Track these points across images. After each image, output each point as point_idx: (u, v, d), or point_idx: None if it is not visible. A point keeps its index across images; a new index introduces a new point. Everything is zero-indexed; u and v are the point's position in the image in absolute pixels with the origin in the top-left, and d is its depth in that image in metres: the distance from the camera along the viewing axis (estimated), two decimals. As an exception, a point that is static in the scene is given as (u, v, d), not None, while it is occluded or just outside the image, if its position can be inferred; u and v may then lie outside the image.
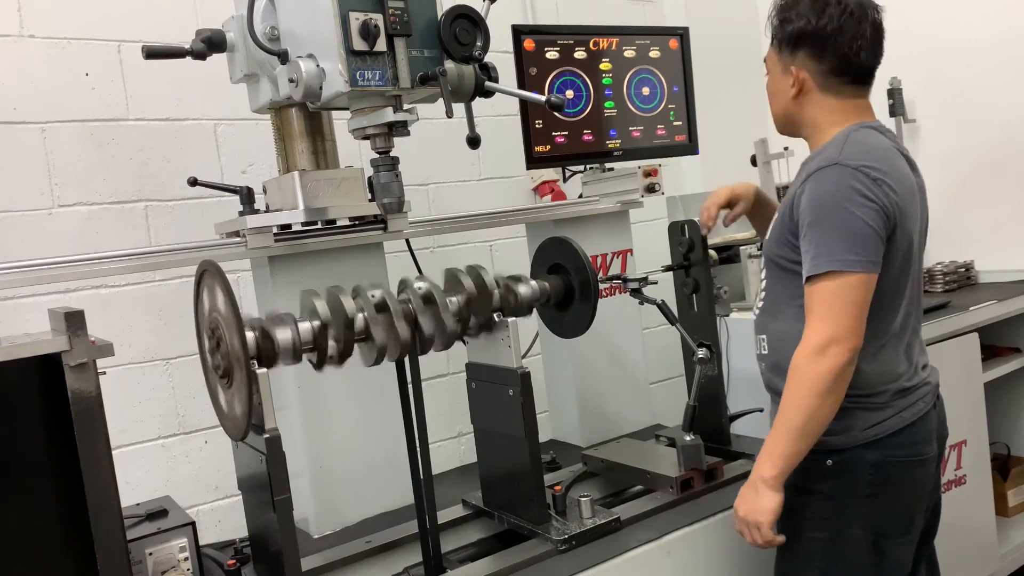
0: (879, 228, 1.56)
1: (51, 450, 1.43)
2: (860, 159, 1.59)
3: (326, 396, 2.07)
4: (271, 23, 1.77)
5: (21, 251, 2.21)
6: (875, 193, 1.56)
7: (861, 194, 1.55)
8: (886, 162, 1.61)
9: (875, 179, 1.57)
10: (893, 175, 1.60)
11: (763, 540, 1.65)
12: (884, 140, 1.68)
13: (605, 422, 2.59)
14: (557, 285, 1.97)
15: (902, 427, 1.66)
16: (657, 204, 2.89)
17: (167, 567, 1.68)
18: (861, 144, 1.64)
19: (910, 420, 1.67)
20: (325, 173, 1.99)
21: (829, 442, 1.65)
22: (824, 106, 1.72)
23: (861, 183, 1.56)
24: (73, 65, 2.41)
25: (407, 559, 1.86)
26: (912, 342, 1.73)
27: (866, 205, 1.55)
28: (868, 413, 1.66)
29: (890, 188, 1.58)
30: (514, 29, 2.37)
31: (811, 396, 1.54)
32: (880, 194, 1.56)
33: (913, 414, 1.68)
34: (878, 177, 1.57)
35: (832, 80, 1.70)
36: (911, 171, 1.69)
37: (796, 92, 1.73)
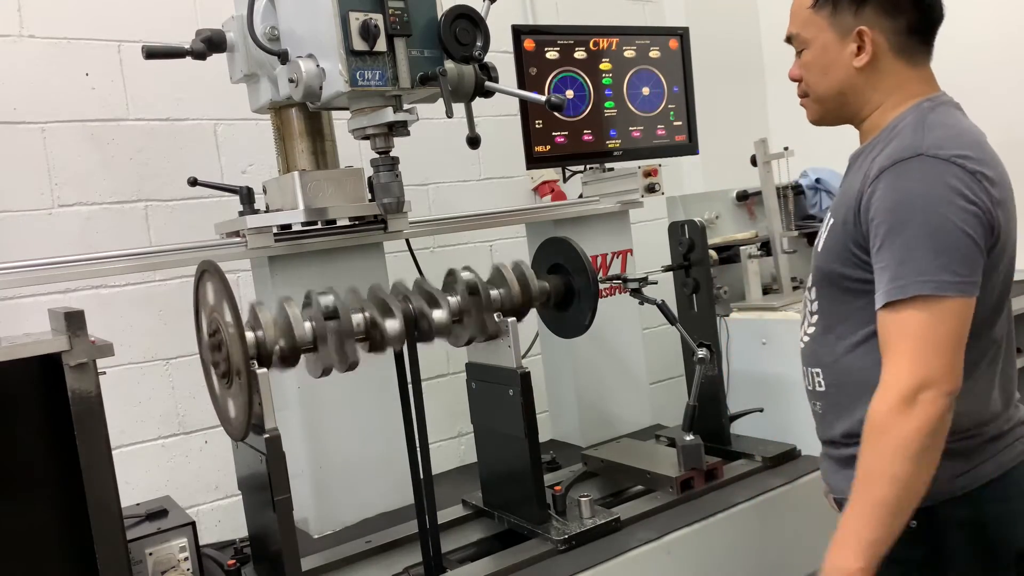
0: (979, 238, 1.23)
1: (51, 450, 1.43)
2: (952, 147, 1.25)
3: (326, 396, 2.06)
4: (271, 23, 1.77)
5: (21, 251, 2.21)
6: (975, 192, 1.23)
7: (959, 193, 1.22)
8: (982, 150, 1.28)
9: (973, 173, 1.24)
10: (993, 167, 1.27)
11: None
12: (968, 120, 1.36)
13: (605, 422, 2.59)
14: (557, 285, 1.97)
15: (999, 475, 1.33)
16: (657, 204, 2.89)
17: (167, 567, 1.68)
18: (946, 127, 1.30)
19: (1009, 466, 1.34)
20: (325, 173, 1.99)
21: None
22: (899, 76, 1.37)
23: (958, 179, 1.23)
24: (73, 65, 2.41)
25: (407, 559, 1.86)
26: (1009, 372, 1.39)
27: (965, 209, 1.22)
28: (953, 462, 1.29)
29: (991, 184, 1.25)
30: (514, 29, 2.37)
31: (903, 461, 1.19)
32: (981, 193, 1.23)
33: (1013, 457, 1.35)
34: (976, 170, 1.24)
35: (909, 41, 1.36)
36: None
37: (867, 60, 1.36)
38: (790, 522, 2.03)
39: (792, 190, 3.02)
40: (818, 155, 3.21)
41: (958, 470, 1.32)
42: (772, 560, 2.00)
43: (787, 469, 2.12)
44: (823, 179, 3.15)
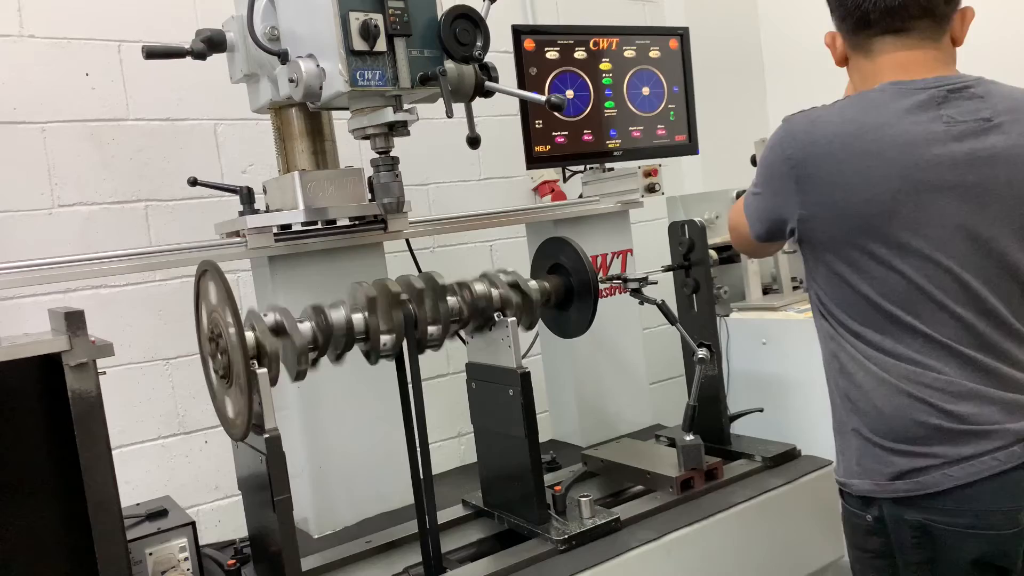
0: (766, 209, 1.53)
1: (51, 450, 1.43)
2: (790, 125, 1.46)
3: (326, 396, 2.06)
4: (271, 23, 1.77)
5: (21, 251, 2.21)
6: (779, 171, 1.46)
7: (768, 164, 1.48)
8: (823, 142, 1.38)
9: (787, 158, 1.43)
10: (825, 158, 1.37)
11: None
12: (885, 106, 1.36)
13: (605, 422, 2.59)
14: (557, 285, 1.97)
15: (947, 488, 1.31)
16: (657, 204, 2.89)
17: (167, 567, 1.68)
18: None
19: (964, 480, 1.31)
20: (325, 173, 1.99)
21: (855, 487, 1.42)
22: (860, 70, 1.47)
23: (772, 154, 1.48)
24: (73, 65, 2.41)
25: (407, 559, 1.86)
26: (985, 365, 1.34)
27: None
28: (891, 456, 1.36)
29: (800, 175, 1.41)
30: (514, 29, 2.37)
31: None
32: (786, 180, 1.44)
33: (970, 473, 1.31)
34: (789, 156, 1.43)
35: (859, 37, 1.44)
36: (946, 150, 1.33)
37: (837, 60, 1.51)
38: (790, 522, 2.03)
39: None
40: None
41: (894, 469, 1.35)
42: (772, 560, 2.00)
43: (787, 469, 2.12)
44: (823, 179, 3.15)
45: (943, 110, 1.34)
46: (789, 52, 3.84)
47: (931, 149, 1.33)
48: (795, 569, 2.05)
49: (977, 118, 1.34)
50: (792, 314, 2.73)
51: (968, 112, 1.35)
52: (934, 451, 1.33)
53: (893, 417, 1.36)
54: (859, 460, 1.42)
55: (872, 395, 1.39)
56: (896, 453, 1.36)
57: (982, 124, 1.34)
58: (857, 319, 1.41)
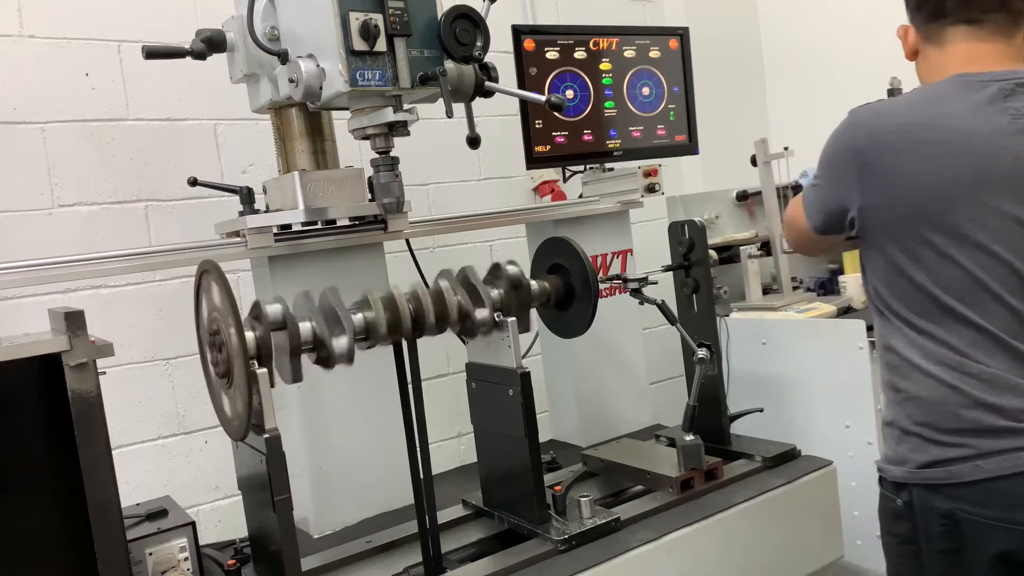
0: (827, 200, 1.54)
1: (51, 450, 1.43)
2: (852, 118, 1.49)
3: (326, 396, 2.06)
4: (271, 23, 1.77)
5: (21, 251, 2.21)
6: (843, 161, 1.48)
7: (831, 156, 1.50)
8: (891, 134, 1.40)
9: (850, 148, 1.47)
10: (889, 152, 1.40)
11: None
12: (952, 98, 1.38)
13: (605, 422, 2.59)
14: (557, 285, 1.97)
15: (977, 479, 1.34)
16: (657, 204, 2.89)
17: (167, 567, 1.68)
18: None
19: (993, 474, 1.32)
20: (325, 173, 1.99)
21: (890, 472, 1.46)
22: (929, 61, 1.49)
23: (834, 145, 1.51)
24: (73, 65, 2.41)
25: (407, 559, 1.86)
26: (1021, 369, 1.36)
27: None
28: (926, 444, 1.40)
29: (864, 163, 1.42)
30: (514, 29, 2.37)
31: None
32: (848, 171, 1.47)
33: (1003, 467, 1.32)
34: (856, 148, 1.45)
35: (932, 27, 1.46)
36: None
37: (908, 53, 1.53)
38: (790, 522, 2.03)
39: (792, 190, 3.02)
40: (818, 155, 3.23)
41: (927, 458, 1.39)
42: (772, 560, 2.00)
43: (787, 469, 2.12)
44: (823, 179, 3.15)
45: (1009, 103, 1.35)
46: (789, 52, 3.84)
47: (995, 141, 1.34)
48: (795, 569, 2.05)
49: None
50: (792, 314, 2.73)
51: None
52: (969, 442, 1.35)
53: (934, 406, 1.39)
54: (896, 447, 1.46)
55: (917, 385, 1.42)
56: (932, 442, 1.39)
57: None
58: (912, 309, 1.43)
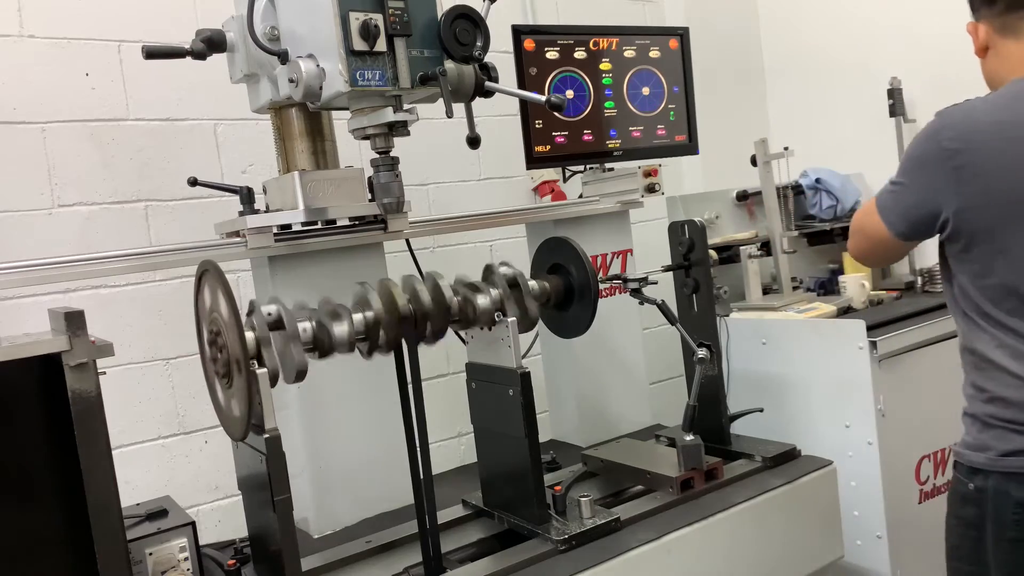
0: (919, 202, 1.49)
1: (51, 450, 1.43)
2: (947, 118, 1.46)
3: (326, 396, 2.06)
4: (271, 23, 1.77)
5: (21, 251, 2.21)
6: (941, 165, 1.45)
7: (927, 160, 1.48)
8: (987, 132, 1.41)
9: (946, 150, 1.44)
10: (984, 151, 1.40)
11: None
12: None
13: (605, 422, 2.59)
14: (557, 285, 1.97)
15: None
16: (657, 204, 2.89)
17: (167, 567, 1.68)
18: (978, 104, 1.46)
19: None
20: (325, 173, 1.99)
21: (967, 457, 1.50)
22: (1007, 55, 1.48)
23: (930, 150, 1.47)
24: (73, 65, 2.41)
25: (407, 559, 1.86)
26: None
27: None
28: (1010, 434, 1.43)
29: (964, 164, 1.41)
30: (514, 29, 2.37)
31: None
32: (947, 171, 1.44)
33: None
34: (952, 149, 1.43)
35: (1010, 18, 1.46)
36: None
37: (979, 49, 1.52)
38: (790, 522, 2.03)
39: (792, 190, 3.03)
40: (818, 155, 3.23)
41: (1010, 447, 1.42)
42: (772, 560, 2.00)
43: (787, 469, 2.12)
44: (823, 179, 3.16)
45: None
46: (789, 52, 3.84)
47: None
48: (795, 569, 2.05)
49: None
50: (792, 314, 2.73)
51: None
52: None
53: (1019, 405, 1.43)
54: (978, 435, 1.49)
55: (1002, 385, 1.45)
56: (1016, 432, 1.42)
57: None
58: (1002, 308, 1.45)
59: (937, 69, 3.37)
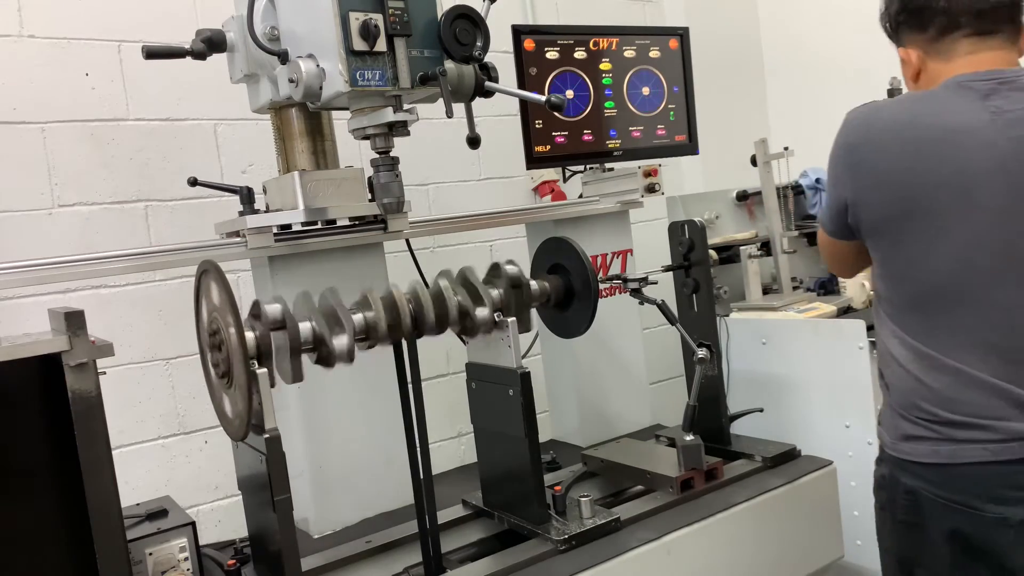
0: (834, 200, 1.54)
1: (51, 450, 1.43)
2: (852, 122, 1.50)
3: (326, 396, 2.06)
4: (271, 23, 1.77)
5: (21, 251, 2.21)
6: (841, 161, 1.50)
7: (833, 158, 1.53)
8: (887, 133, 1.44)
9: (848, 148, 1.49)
10: (885, 148, 1.43)
11: None
12: (947, 101, 1.41)
13: (605, 422, 2.59)
14: (557, 285, 1.97)
15: (935, 462, 1.42)
16: (657, 204, 2.89)
17: (167, 567, 1.68)
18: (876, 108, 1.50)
19: (948, 460, 1.41)
20: (325, 173, 1.99)
21: (881, 439, 1.55)
22: (938, 77, 1.47)
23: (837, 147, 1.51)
24: (73, 65, 2.41)
25: (407, 559, 1.86)
26: (1011, 357, 1.38)
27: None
28: (901, 422, 1.48)
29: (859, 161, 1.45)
30: (514, 29, 2.37)
31: None
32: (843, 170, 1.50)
33: (953, 455, 1.40)
34: (851, 144, 1.49)
35: (942, 43, 1.47)
36: (1006, 135, 1.36)
37: (912, 74, 1.53)
38: (790, 522, 2.03)
39: (792, 190, 3.03)
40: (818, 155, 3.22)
41: (903, 433, 1.48)
42: (772, 560, 2.00)
43: (787, 469, 2.12)
44: (823, 179, 3.15)
45: (991, 101, 1.39)
46: (789, 52, 3.84)
47: (978, 137, 1.37)
48: (795, 569, 2.05)
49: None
50: (792, 314, 2.73)
51: (1017, 101, 1.38)
52: (931, 428, 1.44)
53: (905, 395, 1.48)
54: (882, 422, 1.56)
55: (894, 375, 1.50)
56: (904, 420, 1.48)
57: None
58: (894, 302, 1.50)
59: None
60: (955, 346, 1.41)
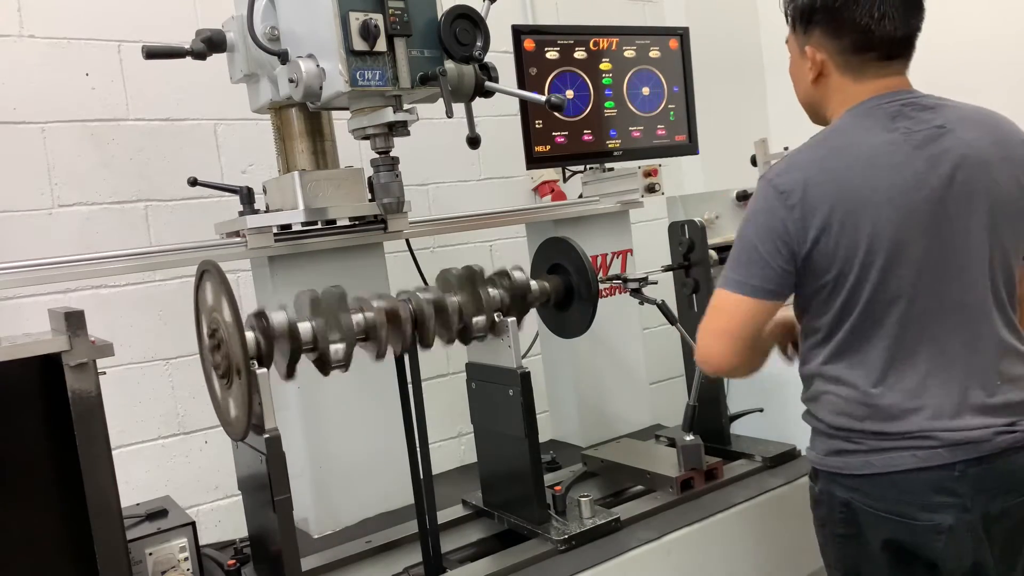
0: (768, 251, 1.40)
1: (51, 450, 1.43)
2: (780, 168, 1.45)
3: (326, 396, 2.06)
4: (271, 23, 1.77)
5: (21, 251, 2.21)
6: (774, 210, 1.40)
7: (761, 211, 1.43)
8: (815, 165, 1.41)
9: (781, 192, 1.40)
10: (816, 182, 1.39)
11: None
12: (861, 126, 1.44)
13: (605, 422, 2.59)
14: (557, 285, 1.97)
15: (867, 473, 1.42)
16: (657, 204, 2.89)
17: (167, 567, 1.68)
18: (803, 147, 1.48)
19: (881, 469, 1.40)
20: (325, 173, 1.99)
21: (812, 459, 1.54)
22: (844, 92, 1.48)
23: (765, 198, 1.43)
24: (73, 65, 2.41)
25: (407, 559, 1.86)
26: (915, 378, 1.40)
27: (760, 225, 1.42)
28: (826, 439, 1.49)
29: (794, 199, 1.39)
30: (514, 29, 2.37)
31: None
32: (781, 210, 1.39)
33: (889, 464, 1.40)
34: (783, 189, 1.40)
35: (854, 59, 1.46)
36: (911, 157, 1.39)
37: (815, 76, 1.51)
38: (790, 522, 2.03)
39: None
40: (818, 155, 3.22)
41: (829, 449, 1.48)
42: (772, 560, 2.00)
43: (787, 469, 2.12)
44: (823, 179, 3.15)
45: (899, 123, 1.43)
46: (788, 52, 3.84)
47: (893, 158, 1.39)
48: (795, 569, 2.05)
49: (931, 126, 1.42)
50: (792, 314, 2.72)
51: (921, 123, 1.42)
52: (862, 440, 1.43)
53: (830, 410, 1.47)
54: (812, 439, 1.55)
55: (819, 393, 1.50)
56: (832, 436, 1.47)
57: (937, 131, 1.42)
58: (819, 319, 1.48)
59: (936, 70, 3.37)
60: (887, 352, 1.42)
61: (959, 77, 3.38)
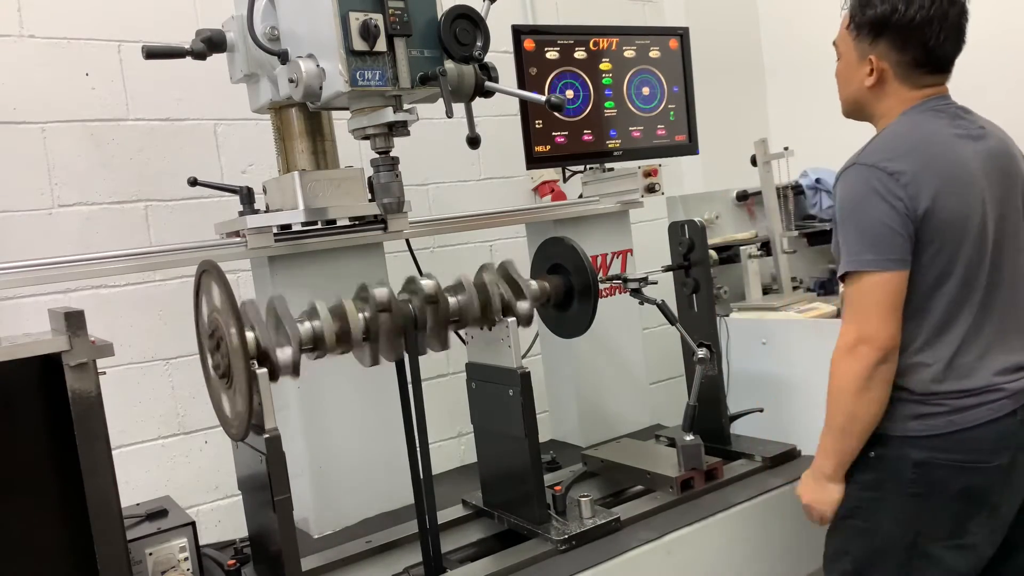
0: (897, 225, 1.55)
1: (51, 450, 1.43)
2: (878, 154, 1.59)
3: (326, 396, 2.06)
4: (271, 23, 1.77)
5: (21, 251, 2.21)
6: (891, 189, 1.55)
7: (876, 192, 1.56)
8: (905, 152, 1.58)
9: (891, 174, 1.55)
10: (911, 165, 1.56)
11: (826, 524, 1.74)
12: (933, 123, 1.64)
13: (605, 422, 2.59)
14: (557, 285, 1.97)
15: (952, 431, 1.58)
16: (657, 204, 2.89)
17: (167, 567, 1.68)
18: (887, 136, 1.64)
19: (963, 425, 1.58)
20: (325, 173, 1.99)
21: (886, 429, 1.63)
22: (899, 96, 1.67)
23: (878, 180, 1.56)
24: (73, 65, 2.41)
25: (407, 559, 1.86)
26: (984, 340, 1.61)
27: (882, 202, 1.55)
28: (911, 406, 1.61)
29: (906, 179, 1.55)
30: (514, 29, 2.37)
31: (846, 395, 1.59)
32: (897, 189, 1.55)
33: (970, 420, 1.58)
34: (894, 171, 1.55)
35: (912, 71, 1.65)
36: (974, 150, 1.62)
37: (874, 83, 1.68)
38: (790, 522, 2.03)
39: (792, 190, 3.02)
40: (818, 155, 3.22)
41: (912, 413, 1.61)
42: (772, 560, 2.00)
43: (787, 469, 2.12)
44: (823, 179, 3.15)
45: (957, 122, 1.67)
46: (789, 52, 3.84)
47: (966, 149, 1.63)
48: (795, 569, 2.05)
49: (976, 126, 1.69)
50: (792, 314, 2.72)
51: (970, 124, 1.68)
52: (945, 400, 1.59)
53: (919, 378, 1.62)
54: (890, 410, 1.63)
55: (908, 365, 1.62)
56: (917, 402, 1.61)
57: (980, 130, 1.68)
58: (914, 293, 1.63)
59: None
60: (952, 328, 1.61)
61: (959, 77, 3.38)
